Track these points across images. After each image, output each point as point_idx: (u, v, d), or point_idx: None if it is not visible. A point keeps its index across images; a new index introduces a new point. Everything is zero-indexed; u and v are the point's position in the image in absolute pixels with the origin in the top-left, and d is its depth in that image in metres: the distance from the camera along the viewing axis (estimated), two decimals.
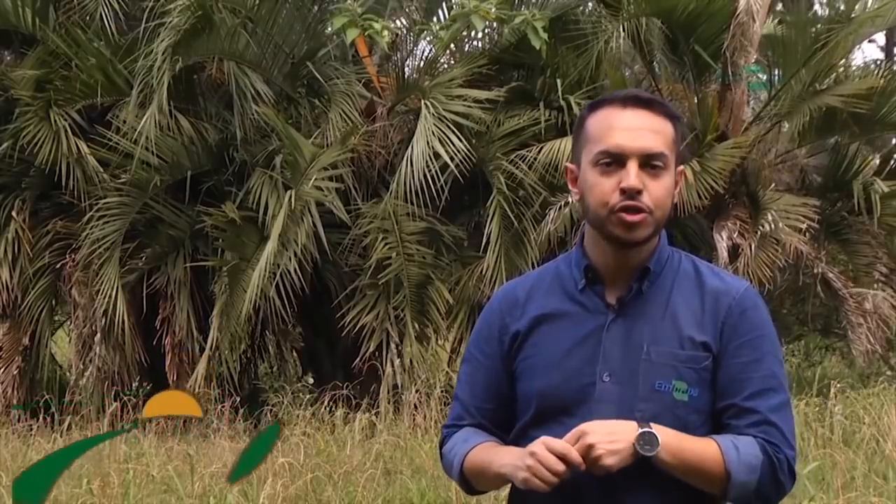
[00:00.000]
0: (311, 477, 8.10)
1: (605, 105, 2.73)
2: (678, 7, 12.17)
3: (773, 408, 2.64)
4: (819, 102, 12.26)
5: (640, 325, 2.69)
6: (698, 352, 2.65)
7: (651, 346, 2.66)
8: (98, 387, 12.06)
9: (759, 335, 2.69)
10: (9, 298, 12.63)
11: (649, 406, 2.63)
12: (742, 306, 2.69)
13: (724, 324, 2.67)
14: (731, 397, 2.63)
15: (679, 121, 2.76)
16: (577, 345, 2.70)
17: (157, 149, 12.33)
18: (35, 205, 13.04)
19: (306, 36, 13.45)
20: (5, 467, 8.75)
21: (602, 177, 2.66)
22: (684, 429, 2.61)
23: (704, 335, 2.66)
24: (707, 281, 2.75)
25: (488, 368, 2.84)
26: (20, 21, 13.23)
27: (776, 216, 11.73)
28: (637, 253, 2.71)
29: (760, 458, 2.59)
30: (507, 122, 12.69)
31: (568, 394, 2.68)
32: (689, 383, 2.64)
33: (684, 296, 2.72)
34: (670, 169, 2.69)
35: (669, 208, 2.71)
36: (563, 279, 2.80)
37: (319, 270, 12.28)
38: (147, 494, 7.95)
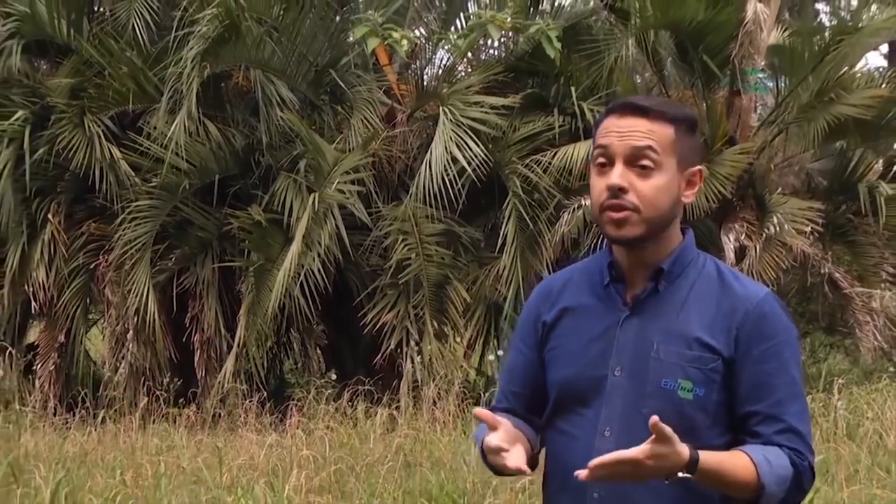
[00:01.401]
0: (335, 469, 8.13)
1: (611, 112, 2.74)
2: (686, 18, 12.13)
3: (797, 414, 2.63)
4: (834, 112, 12.21)
5: (653, 323, 2.69)
6: (705, 353, 2.63)
7: (661, 345, 2.66)
8: (130, 382, 12.06)
9: (781, 341, 2.67)
10: (45, 298, 12.62)
11: (655, 403, 2.62)
12: (759, 312, 2.67)
13: (740, 330, 2.65)
14: (756, 403, 2.62)
15: (684, 122, 2.74)
16: (595, 339, 2.73)
17: (187, 154, 12.37)
18: (70, 208, 13.05)
19: (329, 45, 13.46)
20: (42, 459, 8.74)
21: (597, 177, 2.68)
22: (691, 427, 2.59)
23: (714, 338, 2.64)
24: (727, 285, 2.72)
25: (525, 356, 2.88)
26: (56, 31, 13.27)
27: (781, 219, 11.70)
28: (650, 253, 2.71)
29: (790, 469, 2.58)
30: (523, 127, 12.69)
31: (583, 385, 2.71)
32: (694, 383, 2.62)
33: (701, 298, 2.70)
34: (664, 169, 2.67)
35: (666, 208, 2.68)
36: (592, 275, 2.82)
37: (342, 270, 12.28)
38: (177, 485, 7.96)
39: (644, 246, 2.69)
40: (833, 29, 13.72)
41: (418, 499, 7.42)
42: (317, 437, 9.33)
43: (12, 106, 12.97)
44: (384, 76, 13.22)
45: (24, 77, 13.34)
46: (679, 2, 12.10)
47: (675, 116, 2.71)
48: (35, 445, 9.31)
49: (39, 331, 13.31)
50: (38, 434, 9.93)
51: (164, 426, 10.57)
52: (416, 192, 12.01)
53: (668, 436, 2.41)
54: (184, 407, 11.25)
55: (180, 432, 10.21)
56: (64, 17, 13.30)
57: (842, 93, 12.38)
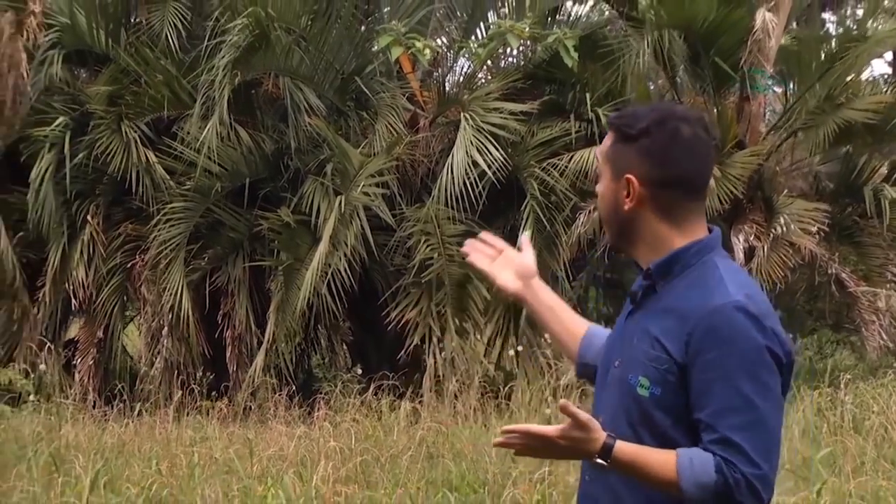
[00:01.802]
0: (361, 460, 8.11)
1: None
2: (699, 17, 12.10)
3: (736, 426, 2.48)
4: (842, 117, 12.19)
5: (643, 319, 2.69)
6: (662, 354, 2.57)
7: (637, 341, 2.64)
8: (165, 376, 12.09)
9: (727, 352, 2.52)
10: (85, 295, 12.66)
11: (622, 398, 2.63)
12: (711, 322, 2.54)
13: (690, 336, 2.54)
14: (698, 411, 2.52)
15: (619, 129, 2.69)
16: (614, 331, 2.83)
17: (219, 158, 12.41)
18: (108, 210, 13.09)
19: (354, 53, 13.47)
20: (82, 449, 8.77)
21: None
22: (651, 425, 2.57)
23: (670, 341, 2.57)
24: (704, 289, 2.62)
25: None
26: (94, 41, 13.36)
27: (788, 220, 11.66)
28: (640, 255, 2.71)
29: (713, 477, 2.46)
30: (540, 132, 12.67)
31: (600, 373, 2.79)
32: (651, 381, 2.57)
33: (678, 301, 2.63)
34: (602, 177, 2.73)
35: (606, 213, 2.73)
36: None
37: (367, 270, 12.29)
38: (210, 475, 7.95)
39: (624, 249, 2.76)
40: (840, 38, 13.64)
41: (440, 489, 7.41)
42: (343, 430, 9.30)
43: (54, 112, 13.04)
44: (407, 83, 13.22)
45: (64, 85, 13.40)
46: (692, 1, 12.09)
47: (612, 123, 2.72)
48: (75, 436, 9.31)
49: (79, 327, 13.34)
50: (79, 426, 9.93)
51: (198, 418, 10.59)
52: (439, 195, 12.03)
53: (582, 422, 2.45)
54: (216, 400, 11.27)
55: (213, 424, 10.21)
56: (102, 28, 13.39)
57: (849, 97, 12.35)
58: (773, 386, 2.54)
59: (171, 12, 13.04)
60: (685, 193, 2.65)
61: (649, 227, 2.66)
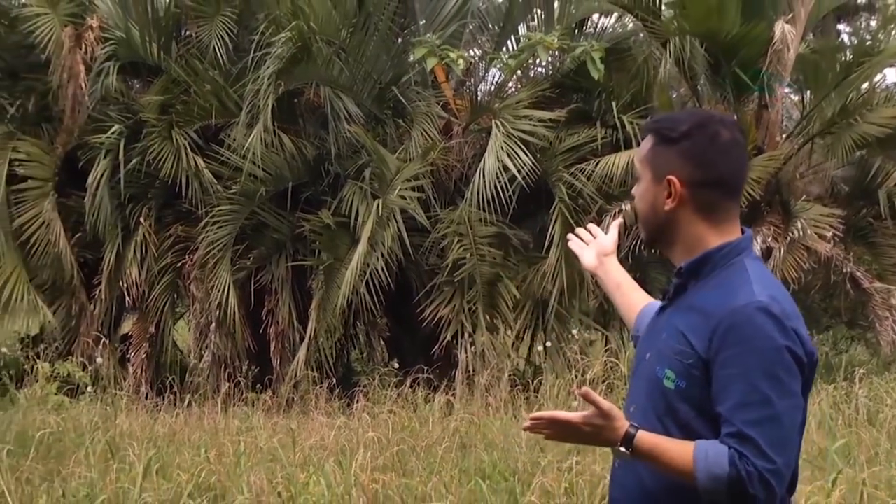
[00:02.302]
0: (397, 449, 8.10)
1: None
2: (722, 30, 12.06)
3: (751, 422, 2.48)
4: (859, 131, 12.14)
5: (673, 315, 2.70)
6: (686, 349, 2.58)
7: (666, 336, 2.66)
8: (213, 369, 12.14)
9: (747, 350, 2.52)
10: (138, 293, 12.74)
11: (650, 388, 2.65)
12: (732, 321, 2.54)
13: (714, 333, 2.55)
14: (718, 405, 2.52)
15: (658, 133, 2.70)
16: (648, 326, 2.84)
17: (263, 163, 12.45)
18: (159, 212, 13.16)
19: (392, 64, 13.50)
20: (136, 438, 8.82)
21: None
22: (674, 415, 2.58)
23: (695, 337, 2.58)
24: (730, 289, 2.61)
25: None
26: (147, 54, 13.44)
27: (805, 224, 11.60)
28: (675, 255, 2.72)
29: (726, 469, 2.46)
30: (568, 139, 12.66)
31: (634, 364, 2.83)
32: (677, 374, 2.58)
33: (705, 299, 2.63)
34: (642, 179, 2.72)
35: (648, 212, 2.71)
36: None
37: (403, 269, 12.30)
38: (255, 463, 7.96)
39: (663, 246, 2.75)
40: (855, 50, 13.53)
41: (473, 477, 7.40)
42: (381, 421, 9.32)
43: (109, 121, 13.09)
44: (442, 92, 13.23)
45: (119, 95, 13.46)
46: (716, 15, 12.04)
47: (651, 127, 2.73)
48: (129, 426, 9.38)
49: (132, 323, 13.41)
50: (132, 416, 10.02)
51: (244, 409, 10.63)
52: (471, 198, 12.04)
53: (605, 410, 2.47)
54: (261, 392, 11.31)
55: (258, 415, 10.23)
56: (154, 41, 13.46)
57: (865, 112, 12.28)
58: (792, 385, 2.52)
59: (219, 26, 13.10)
60: (724, 193, 2.67)
61: (688, 226, 2.68)
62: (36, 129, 13.45)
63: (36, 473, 7.56)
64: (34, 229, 12.82)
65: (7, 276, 12.68)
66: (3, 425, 8.51)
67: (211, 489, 7.28)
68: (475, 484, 7.18)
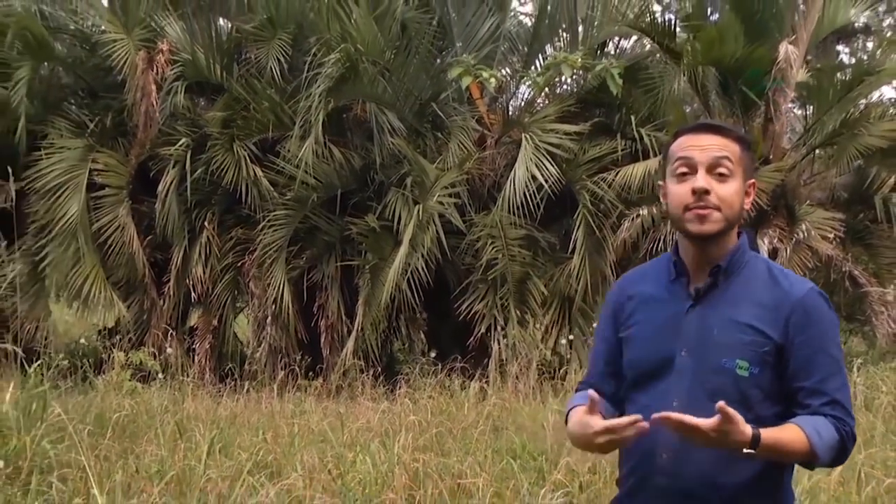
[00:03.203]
0: (436, 431, 8.11)
1: (683, 132, 2.76)
2: (727, 55, 12.01)
3: (838, 388, 2.62)
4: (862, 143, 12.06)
5: (713, 312, 2.68)
6: (759, 338, 2.62)
7: (720, 330, 2.64)
8: (269, 359, 12.18)
9: (822, 329, 2.65)
10: (202, 289, 12.82)
11: (717, 378, 2.62)
12: (805, 306, 2.65)
13: (789, 320, 2.63)
14: (804, 380, 2.61)
15: (745, 142, 2.74)
16: (664, 324, 2.73)
17: (314, 172, 12.51)
18: (221, 216, 13.23)
19: (431, 82, 13.52)
20: (201, 420, 8.84)
21: (679, 185, 2.68)
22: (745, 399, 2.59)
23: (768, 326, 2.63)
24: (777, 282, 2.71)
25: (608, 340, 2.88)
26: (211, 74, 13.53)
27: (809, 226, 11.55)
28: (712, 250, 2.70)
29: (836, 437, 2.57)
30: (591, 150, 12.64)
31: (656, 363, 2.70)
32: (750, 363, 2.60)
33: (754, 292, 2.68)
34: (736, 177, 2.67)
35: (738, 209, 2.69)
36: (661, 271, 2.82)
37: (441, 268, 12.31)
38: (308, 443, 7.99)
39: (715, 242, 2.69)
40: (854, 70, 13.44)
41: (505, 456, 7.40)
42: (421, 405, 9.32)
43: (177, 135, 13.20)
44: (476, 108, 13.26)
45: (186, 111, 13.55)
46: (722, 42, 11.99)
47: (740, 136, 2.74)
48: (195, 409, 9.39)
49: (197, 316, 13.51)
50: (198, 400, 10.00)
51: (297, 395, 10.64)
52: (503, 204, 12.06)
53: (732, 417, 2.42)
54: (312, 379, 11.34)
55: (310, 400, 10.24)
56: (218, 63, 13.55)
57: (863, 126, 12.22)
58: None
59: (275, 48, 13.17)
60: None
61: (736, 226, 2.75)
62: (112, 143, 13.54)
63: (112, 451, 7.60)
64: (111, 232, 12.91)
65: (86, 275, 12.76)
66: (84, 408, 8.57)
67: (268, 467, 7.32)
68: (507, 463, 7.19)
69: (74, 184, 12.86)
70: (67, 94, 14.10)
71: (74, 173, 12.91)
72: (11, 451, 6.96)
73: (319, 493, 6.61)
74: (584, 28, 14.05)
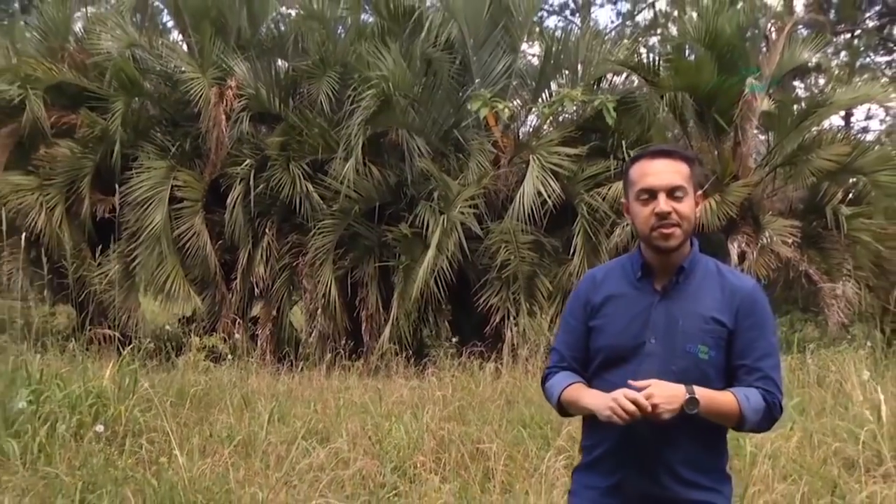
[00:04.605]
0: (458, 404, 8.15)
1: (640, 158, 2.73)
2: (702, 84, 12.02)
3: (771, 367, 2.64)
4: (815, 165, 12.13)
5: (677, 305, 2.67)
6: (717, 326, 2.64)
7: (684, 321, 2.64)
8: (319, 343, 12.25)
9: (763, 318, 2.68)
10: (263, 285, 12.91)
11: (682, 361, 2.62)
12: (752, 298, 2.68)
13: (739, 309, 2.65)
14: (744, 359, 2.64)
15: (693, 160, 2.73)
16: (634, 316, 2.70)
17: (356, 187, 12.57)
18: (279, 225, 13.27)
19: (453, 112, 13.54)
20: (262, 394, 8.92)
21: (642, 207, 2.67)
22: (705, 378, 2.60)
23: (723, 315, 2.64)
24: (726, 278, 2.72)
25: (576, 329, 2.83)
26: (271, 106, 13.62)
27: (771, 233, 11.54)
28: (674, 257, 2.70)
29: (762, 403, 2.61)
30: (588, 169, 12.62)
31: (625, 349, 2.68)
32: (710, 347, 2.62)
33: (709, 287, 2.69)
34: (690, 195, 2.67)
35: (694, 221, 2.69)
36: (627, 271, 2.79)
37: (462, 268, 12.34)
38: (351, 414, 8.05)
39: (676, 251, 2.68)
40: (808, 102, 13.46)
41: (516, 425, 7.42)
42: (445, 383, 9.33)
43: (243, 157, 13.28)
44: (492, 133, 13.26)
45: (250, 137, 13.60)
46: (698, 72, 12.00)
47: (687, 156, 2.74)
48: (257, 385, 9.48)
49: (259, 308, 13.53)
50: (260, 377, 10.07)
51: (342, 373, 10.68)
52: (514, 214, 12.08)
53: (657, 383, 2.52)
54: (355, 361, 11.35)
55: (353, 378, 10.29)
56: (276, 96, 13.64)
57: (816, 149, 12.23)
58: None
59: (325, 84, 13.25)
60: None
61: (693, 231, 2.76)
62: (190, 163, 13.65)
63: (190, 419, 7.70)
64: (188, 238, 13.00)
65: (168, 273, 12.87)
66: (167, 383, 8.65)
67: (318, 433, 7.38)
68: (518, 431, 7.23)
69: (159, 198, 12.96)
70: (154, 124, 14.20)
71: (159, 189, 13.01)
72: (109, 418, 7.07)
73: (361, 455, 6.66)
74: (582, 66, 14.05)
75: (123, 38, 13.96)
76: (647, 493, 2.67)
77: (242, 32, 14.66)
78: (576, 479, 2.88)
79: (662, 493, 2.66)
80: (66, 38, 14.73)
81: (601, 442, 2.76)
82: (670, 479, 2.65)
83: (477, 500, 5.86)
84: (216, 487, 5.75)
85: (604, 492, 2.74)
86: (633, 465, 2.68)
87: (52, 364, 8.01)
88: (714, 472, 2.71)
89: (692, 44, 13.07)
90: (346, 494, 5.97)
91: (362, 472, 6.35)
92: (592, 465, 2.80)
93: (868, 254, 12.03)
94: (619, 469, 2.70)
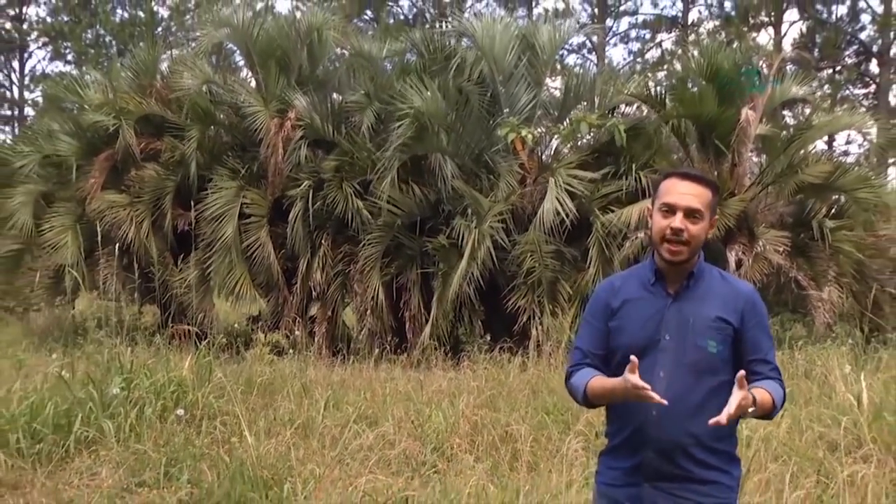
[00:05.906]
0: (489, 394, 8.17)
1: (672, 175, 2.78)
2: (704, 113, 11.96)
3: (774, 356, 2.73)
4: (800, 179, 12.06)
5: (687, 306, 2.71)
6: (723, 325, 2.67)
7: (695, 320, 2.68)
8: (368, 340, 12.27)
9: (763, 318, 2.73)
10: (320, 289, 12.93)
11: (693, 355, 2.64)
12: (753, 300, 2.72)
13: (743, 310, 2.68)
14: (756, 354, 2.67)
15: (715, 187, 2.77)
16: (650, 317, 2.74)
17: (400, 204, 12.61)
18: (334, 237, 13.29)
19: (484, 137, 13.52)
20: (319, 383, 8.99)
21: (661, 218, 2.71)
22: (713, 368, 2.63)
23: (728, 314, 2.67)
24: (729, 283, 2.76)
25: (599, 329, 2.83)
26: (325, 132, 13.65)
27: (764, 243, 11.44)
28: (682, 267, 2.73)
29: (782, 392, 2.67)
30: (602, 189, 12.57)
31: (643, 345, 2.69)
32: (717, 342, 2.65)
33: (715, 291, 2.73)
34: (705, 219, 2.70)
35: (703, 240, 2.73)
36: (642, 278, 2.82)
37: (493, 274, 12.32)
38: (396, 401, 8.08)
39: (686, 261, 2.73)
40: (795, 129, 13.35)
41: (540, 412, 7.43)
42: (478, 374, 9.35)
43: (301, 178, 13.34)
44: (518, 157, 13.22)
45: (308, 161, 13.66)
46: (700, 102, 11.93)
47: (712, 183, 2.77)
48: (315, 375, 9.54)
49: (316, 308, 13.47)
50: (317, 369, 10.15)
51: (388, 366, 10.73)
52: (538, 227, 12.05)
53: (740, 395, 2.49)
54: (400, 355, 11.43)
55: (398, 370, 10.36)
56: (330, 125, 13.67)
57: (804, 169, 12.13)
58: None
59: (370, 114, 13.31)
60: None
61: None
62: (257, 183, 13.75)
63: (257, 404, 7.80)
64: (255, 248, 13.09)
65: (238, 278, 12.98)
66: (237, 373, 8.75)
67: (368, 418, 7.43)
68: (542, 417, 7.26)
69: (230, 213, 13.08)
70: (226, 149, 14.35)
71: (230, 206, 13.13)
72: (189, 403, 7.18)
73: (405, 437, 6.72)
74: (598, 98, 14.00)
75: (200, 76, 14.17)
76: (664, 471, 2.70)
77: (303, 70, 14.76)
78: (602, 461, 2.90)
79: (677, 471, 2.68)
80: (154, 77, 14.98)
81: (623, 428, 2.78)
82: (685, 459, 2.67)
83: (506, 477, 5.87)
84: (279, 464, 5.83)
85: (626, 471, 2.77)
86: (652, 448, 2.70)
87: (140, 356, 8.15)
88: (724, 454, 2.72)
89: (694, 78, 13.02)
90: (392, 471, 6.03)
91: (406, 451, 6.40)
92: (616, 448, 2.82)
93: (850, 262, 11.89)
94: (639, 451, 2.73)
